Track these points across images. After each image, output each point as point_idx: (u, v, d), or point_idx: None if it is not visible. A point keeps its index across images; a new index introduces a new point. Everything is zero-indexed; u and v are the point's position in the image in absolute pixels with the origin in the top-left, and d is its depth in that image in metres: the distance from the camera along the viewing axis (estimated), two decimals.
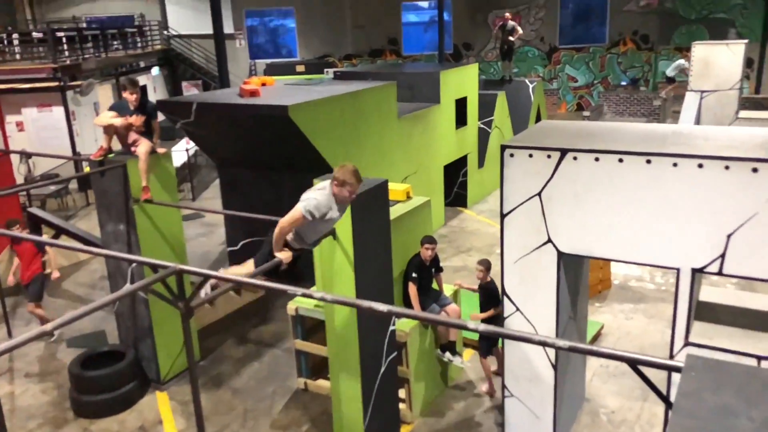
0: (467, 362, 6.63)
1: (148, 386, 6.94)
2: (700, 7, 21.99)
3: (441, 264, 6.47)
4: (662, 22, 22.56)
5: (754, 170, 4.23)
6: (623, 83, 23.06)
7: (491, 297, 6.22)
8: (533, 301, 5.22)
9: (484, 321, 6.10)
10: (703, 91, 12.17)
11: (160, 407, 6.61)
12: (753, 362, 4.47)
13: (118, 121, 6.41)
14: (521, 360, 5.36)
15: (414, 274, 6.11)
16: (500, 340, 6.53)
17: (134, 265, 6.66)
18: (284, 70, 20.67)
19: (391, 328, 5.53)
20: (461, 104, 12.32)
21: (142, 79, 21.93)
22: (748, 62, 18.86)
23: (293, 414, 6.39)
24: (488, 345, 6.42)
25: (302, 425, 6.20)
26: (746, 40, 12.45)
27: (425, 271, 6.26)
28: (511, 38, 15.13)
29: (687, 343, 4.67)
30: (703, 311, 5.15)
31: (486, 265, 6.30)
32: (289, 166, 8.84)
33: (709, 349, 4.58)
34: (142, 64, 21.89)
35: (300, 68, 21.47)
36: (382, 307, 3.21)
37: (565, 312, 5.37)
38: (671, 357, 4.73)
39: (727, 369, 2.29)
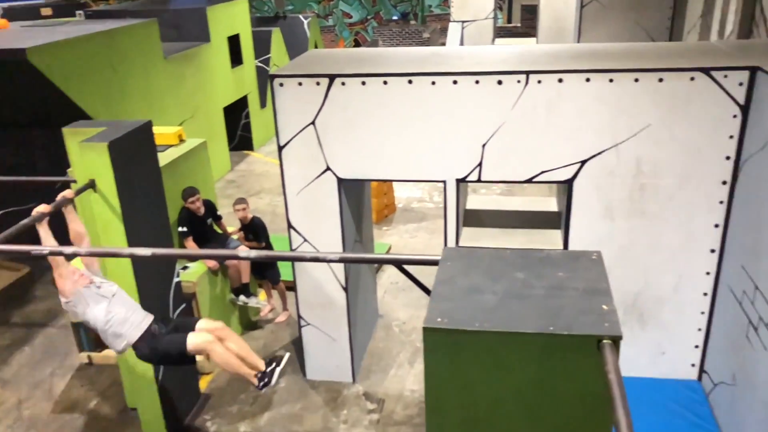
0: (263, 301, 6.57)
1: None
2: None
3: (229, 211, 6.23)
4: None
5: (499, 82, 4.61)
6: (395, 18, 23.89)
7: (259, 233, 6.35)
8: (318, 230, 5.27)
9: None
10: (463, 22, 13.09)
11: None
12: None
13: None
14: (312, 288, 5.42)
15: (183, 228, 5.82)
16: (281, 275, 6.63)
17: None
18: (26, 15, 17.85)
19: (176, 280, 5.22)
20: (234, 42, 11.77)
21: None
22: None
23: (78, 392, 5.83)
24: (276, 273, 6.53)
25: (90, 401, 5.70)
26: None
27: (199, 222, 5.98)
28: None
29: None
30: (470, 218, 5.64)
31: (246, 202, 6.36)
32: (41, 121, 7.76)
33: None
34: None
35: (46, 11, 18.70)
36: (145, 251, 2.95)
37: (351, 237, 5.51)
38: None
39: (477, 255, 2.49)
